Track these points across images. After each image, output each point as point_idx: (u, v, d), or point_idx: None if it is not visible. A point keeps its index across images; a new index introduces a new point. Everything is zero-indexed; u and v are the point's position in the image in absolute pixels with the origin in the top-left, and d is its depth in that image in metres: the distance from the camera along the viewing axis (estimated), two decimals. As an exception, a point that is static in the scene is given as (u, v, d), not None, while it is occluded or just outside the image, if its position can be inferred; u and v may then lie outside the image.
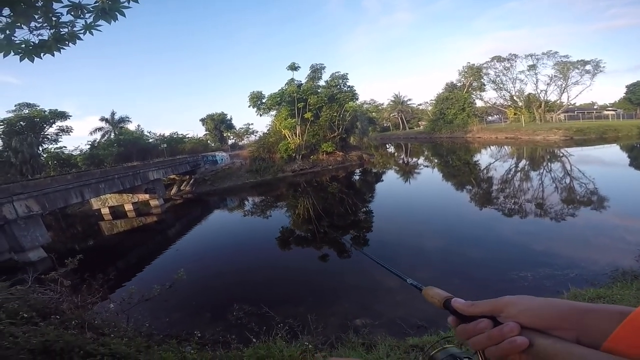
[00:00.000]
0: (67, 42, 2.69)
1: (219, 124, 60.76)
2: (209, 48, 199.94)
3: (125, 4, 2.56)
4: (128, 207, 25.10)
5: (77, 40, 2.72)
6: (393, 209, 17.23)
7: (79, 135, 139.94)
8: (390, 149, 56.75)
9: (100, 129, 45.01)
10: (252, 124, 65.25)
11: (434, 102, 63.25)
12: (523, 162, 28.32)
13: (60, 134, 38.30)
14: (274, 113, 37.47)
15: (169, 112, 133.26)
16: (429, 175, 27.43)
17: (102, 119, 45.45)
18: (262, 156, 34.70)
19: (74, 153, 39.29)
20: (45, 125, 36.60)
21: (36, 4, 2.34)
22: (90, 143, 42.08)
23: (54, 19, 2.52)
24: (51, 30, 2.60)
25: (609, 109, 61.58)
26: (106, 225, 23.08)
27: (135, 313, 5.15)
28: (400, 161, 39.49)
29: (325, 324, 6.10)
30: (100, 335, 3.59)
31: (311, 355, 3.57)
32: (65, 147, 39.12)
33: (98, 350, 2.90)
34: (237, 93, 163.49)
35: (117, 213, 25.06)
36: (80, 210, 27.74)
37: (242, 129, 61.13)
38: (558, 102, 55.02)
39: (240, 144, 58.14)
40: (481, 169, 26.35)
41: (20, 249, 14.01)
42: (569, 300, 0.52)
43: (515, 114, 56.57)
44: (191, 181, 32.77)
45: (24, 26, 2.46)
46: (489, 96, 62.96)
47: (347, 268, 10.30)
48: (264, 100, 35.79)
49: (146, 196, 25.37)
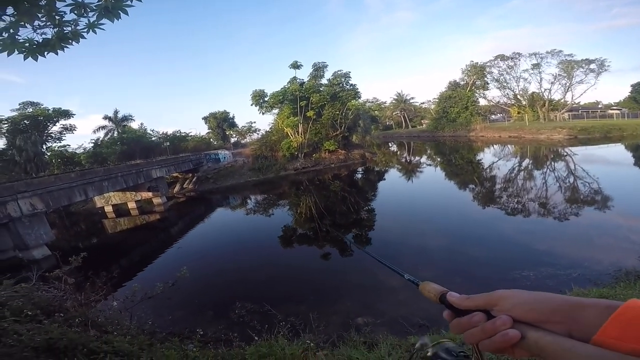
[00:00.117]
0: (71, 41, 2.70)
1: (221, 122, 60.83)
2: (210, 46, 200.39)
3: (128, 3, 2.56)
4: (131, 205, 25.22)
5: (81, 39, 2.73)
6: (396, 208, 17.21)
7: (82, 134, 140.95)
8: (393, 148, 56.64)
9: (103, 127, 45.20)
10: (255, 122, 65.63)
11: (436, 101, 62.95)
12: (526, 161, 28.16)
13: (64, 132, 38.60)
14: (276, 111, 37.46)
15: (172, 111, 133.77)
16: (431, 174, 27.35)
17: (106, 118, 45.62)
18: (265, 154, 34.74)
19: (78, 151, 39.51)
20: (49, 124, 36.82)
21: (39, 3, 2.34)
22: (93, 141, 42.34)
23: (57, 17, 2.53)
24: (55, 29, 2.61)
25: (614, 108, 61.12)
26: (109, 223, 23.21)
27: (138, 311, 5.18)
28: (403, 160, 39.42)
29: (327, 323, 6.11)
30: (104, 333, 3.61)
31: (313, 354, 3.58)
32: (69, 146, 39.43)
33: (101, 348, 2.92)
34: (239, 91, 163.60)
35: (121, 211, 25.18)
36: (83, 209, 27.90)
37: (245, 127, 61.30)
38: (562, 101, 54.60)
39: (242, 142, 58.27)
40: (484, 167, 26.25)
41: (24, 246, 14.12)
42: (560, 295, 0.53)
43: (518, 113, 56.22)
44: (194, 179, 32.87)
45: (28, 25, 2.47)
46: (493, 95, 62.69)
47: (349, 266, 10.31)
48: (266, 99, 35.80)
49: (149, 194, 25.47)
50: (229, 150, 41.92)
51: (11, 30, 2.47)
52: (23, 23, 2.43)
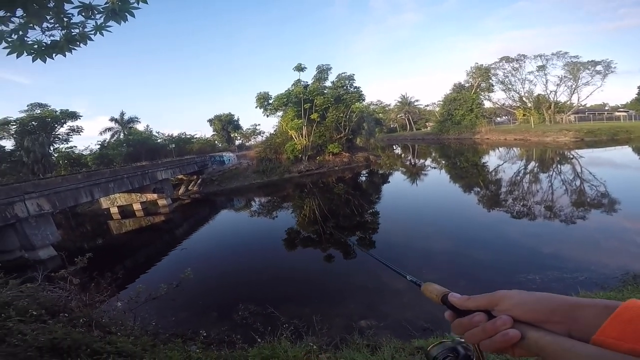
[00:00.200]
0: (78, 43, 2.73)
1: (226, 125, 61.18)
2: (214, 47, 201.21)
3: (134, 5, 2.59)
4: (136, 207, 25.39)
5: (88, 41, 2.76)
6: (400, 211, 17.14)
7: (89, 135, 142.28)
8: (397, 150, 56.49)
9: (109, 129, 45.65)
10: (259, 125, 65.91)
11: (441, 103, 62.88)
12: (532, 164, 27.94)
13: (71, 133, 39.00)
14: (280, 114, 37.60)
15: (177, 113, 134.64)
16: (436, 176, 27.24)
17: (112, 119, 46.09)
18: (269, 157, 34.83)
19: (84, 153, 39.94)
20: (56, 125, 37.26)
21: (48, 5, 2.37)
22: (100, 143, 42.76)
23: (65, 19, 2.56)
24: (63, 31, 2.64)
25: (621, 110, 60.53)
26: (115, 224, 23.37)
27: (142, 312, 5.20)
28: (407, 162, 39.29)
29: (330, 325, 6.09)
30: (107, 334, 3.63)
31: (315, 356, 3.57)
32: (76, 147, 39.88)
33: (105, 349, 2.93)
34: (244, 92, 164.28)
35: (126, 212, 25.36)
36: (89, 209, 28.14)
37: (249, 129, 61.64)
38: (568, 103, 54.26)
39: (247, 144, 58.49)
40: (489, 170, 26.07)
41: (30, 247, 14.26)
42: (560, 295, 0.54)
43: (524, 115, 55.90)
44: (199, 181, 33.03)
45: (37, 27, 2.50)
46: (498, 97, 62.49)
47: (353, 269, 10.26)
48: (270, 101, 35.94)
49: (154, 196, 25.64)
50: (233, 153, 42.07)
51: (20, 32, 2.50)
52: (32, 25, 2.46)
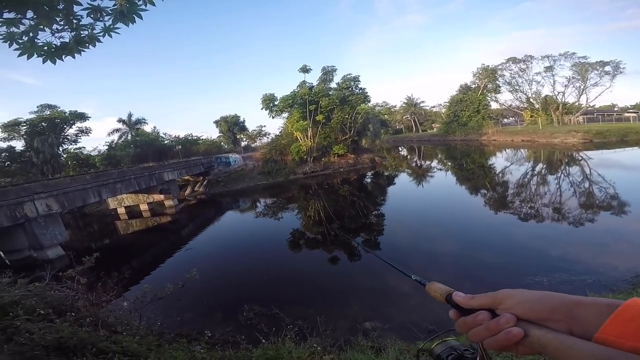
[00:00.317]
0: (87, 45, 2.77)
1: (232, 126, 61.48)
2: (219, 49, 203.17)
3: (142, 7, 2.62)
4: (143, 207, 25.63)
5: (97, 43, 2.80)
6: (405, 212, 17.04)
7: (97, 137, 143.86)
8: (403, 152, 56.30)
9: (117, 130, 46.17)
10: (265, 126, 66.04)
11: (447, 104, 62.43)
12: (540, 166, 27.61)
13: (80, 134, 39.51)
14: (286, 115, 37.69)
15: (184, 114, 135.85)
16: (442, 178, 27.06)
17: (120, 120, 46.59)
18: (274, 158, 34.92)
19: (93, 154, 40.37)
20: (65, 126, 37.78)
21: (57, 7, 2.40)
22: (108, 144, 43.23)
23: (74, 21, 2.59)
24: (72, 33, 2.67)
25: (630, 111, 59.56)
26: (122, 224, 23.61)
27: (147, 311, 5.23)
28: (413, 164, 39.10)
29: (334, 327, 6.07)
30: (113, 333, 3.65)
31: (319, 357, 3.56)
32: (84, 148, 40.29)
33: (110, 348, 2.95)
34: (250, 95, 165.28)
35: (133, 213, 25.60)
36: (97, 210, 28.45)
37: (255, 131, 61.92)
38: (576, 104, 53.49)
39: (252, 145, 58.74)
40: (496, 172, 25.83)
41: (39, 246, 14.44)
42: (562, 294, 0.54)
43: (531, 117, 55.23)
44: (205, 182, 33.23)
45: (46, 29, 2.54)
46: (505, 98, 61.52)
47: (358, 270, 10.23)
48: (276, 103, 36.03)
49: (161, 196, 25.85)
50: (239, 154, 42.27)
51: (31, 34, 2.54)
52: (42, 27, 2.49)
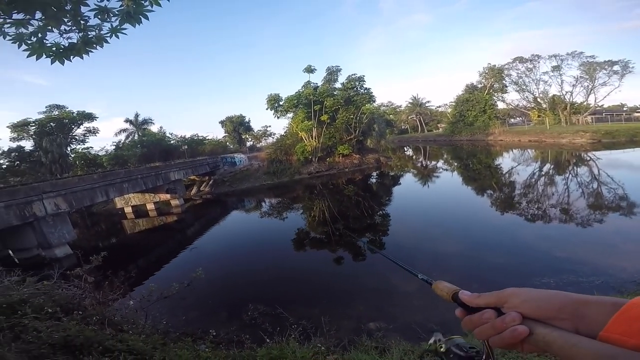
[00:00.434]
0: (95, 45, 2.79)
1: (237, 126, 61.77)
2: (224, 49, 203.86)
3: (148, 8, 2.64)
4: (150, 207, 25.86)
5: (104, 44, 2.82)
6: (410, 213, 16.96)
7: (104, 137, 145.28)
8: (409, 152, 56.04)
9: (124, 130, 46.68)
10: (270, 126, 66.17)
11: (453, 104, 62.02)
12: (547, 166, 27.30)
13: (88, 134, 40.07)
14: (291, 115, 37.77)
15: (190, 114, 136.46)
16: (448, 178, 26.87)
17: (127, 121, 47.10)
18: (279, 158, 35.00)
19: (100, 153, 40.88)
20: (73, 126, 38.31)
21: (65, 8, 2.43)
22: (115, 144, 43.75)
23: (82, 22, 2.62)
24: (80, 34, 2.70)
25: (640, 110, 58.71)
26: (129, 223, 23.83)
27: (153, 310, 5.27)
28: (419, 164, 38.90)
29: (338, 327, 6.06)
30: (119, 332, 3.68)
31: (323, 357, 3.56)
32: (92, 148, 40.88)
33: (116, 347, 2.97)
34: (255, 95, 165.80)
35: (139, 212, 25.84)
36: (104, 209, 28.76)
37: (260, 131, 62.15)
38: (584, 104, 52.70)
39: (258, 145, 59.00)
40: (503, 172, 25.60)
41: (47, 245, 14.64)
42: (568, 292, 0.55)
43: (539, 116, 54.61)
44: (210, 182, 33.42)
45: (55, 29, 2.57)
46: (511, 98, 60.83)
47: (362, 270, 10.21)
48: (281, 103, 36.11)
49: (167, 196, 26.05)
50: (244, 154, 42.45)
51: (39, 35, 2.57)
52: (50, 27, 2.52)
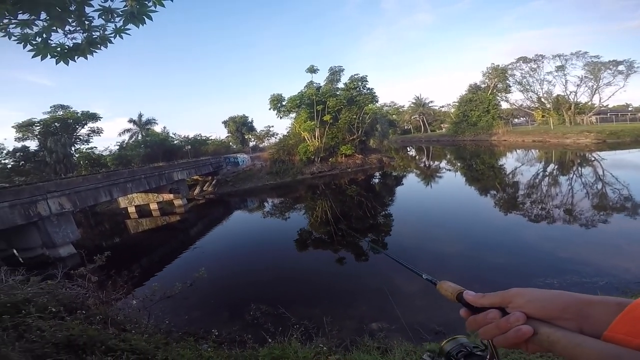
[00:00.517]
0: (99, 46, 2.81)
1: (240, 126, 61.87)
2: (227, 49, 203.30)
3: (152, 8, 2.65)
4: (153, 206, 25.96)
5: (108, 44, 2.84)
6: (413, 213, 16.91)
7: (108, 137, 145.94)
8: (411, 152, 55.91)
9: (128, 130, 46.94)
10: (273, 126, 66.22)
11: (456, 104, 61.79)
12: (551, 167, 27.14)
13: (92, 134, 40.29)
14: (293, 115, 37.77)
15: (193, 115, 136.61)
16: (451, 179, 26.77)
17: (130, 121, 47.36)
18: (282, 158, 35.03)
19: (104, 153, 41.09)
20: (77, 126, 38.54)
21: (70, 8, 2.45)
22: (119, 144, 43.98)
23: (86, 22, 2.63)
24: (84, 34, 2.72)
25: (645, 110, 58.15)
26: (132, 223, 23.93)
27: (156, 310, 5.28)
28: (422, 164, 38.80)
29: (340, 327, 6.05)
30: (122, 331, 3.69)
31: (325, 357, 3.55)
32: (96, 148, 41.06)
33: (119, 346, 2.98)
34: (258, 95, 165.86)
35: (143, 212, 25.95)
36: (108, 209, 28.92)
37: (263, 131, 62.27)
38: (589, 104, 52.32)
39: (260, 146, 59.04)
40: (506, 173, 25.47)
41: (52, 244, 14.73)
42: (572, 292, 0.55)
43: (543, 117, 54.28)
44: (213, 182, 33.53)
45: (59, 30, 2.58)
46: (515, 98, 60.61)
47: (365, 271, 10.19)
48: (283, 103, 36.12)
49: (170, 196, 26.16)
50: (247, 154, 42.51)
51: (44, 35, 2.59)
52: (55, 28, 2.54)
